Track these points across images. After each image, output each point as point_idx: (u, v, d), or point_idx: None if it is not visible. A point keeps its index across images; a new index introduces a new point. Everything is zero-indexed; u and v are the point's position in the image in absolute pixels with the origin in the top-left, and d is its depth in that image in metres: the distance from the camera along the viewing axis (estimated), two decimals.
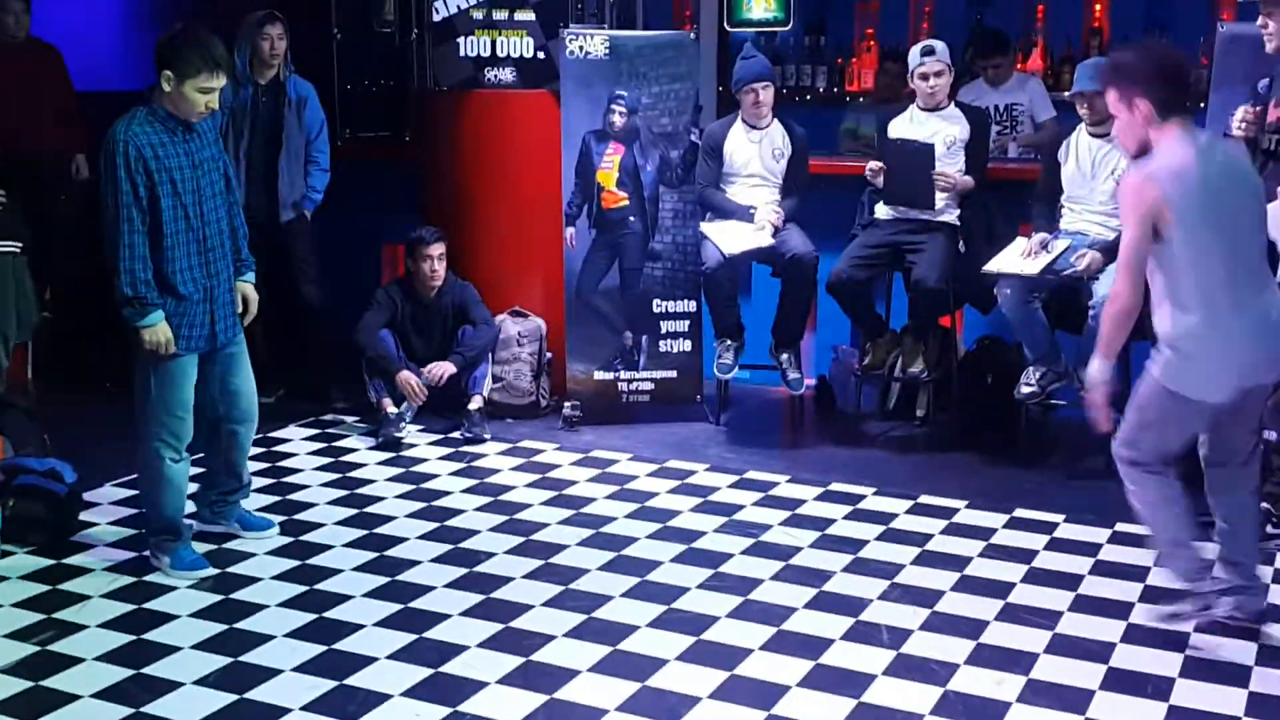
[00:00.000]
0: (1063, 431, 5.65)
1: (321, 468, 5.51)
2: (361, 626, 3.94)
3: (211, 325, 4.31)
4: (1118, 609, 4.04)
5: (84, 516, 4.79)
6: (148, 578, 4.31)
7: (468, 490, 5.20)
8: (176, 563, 4.35)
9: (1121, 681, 3.57)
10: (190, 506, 4.55)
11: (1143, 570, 4.33)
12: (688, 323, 6.12)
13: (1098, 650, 3.76)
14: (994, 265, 5.41)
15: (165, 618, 4.02)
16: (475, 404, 5.95)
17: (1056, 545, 4.57)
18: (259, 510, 4.88)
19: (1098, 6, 7.60)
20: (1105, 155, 5.34)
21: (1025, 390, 5.42)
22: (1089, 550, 4.52)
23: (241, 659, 3.73)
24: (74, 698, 3.51)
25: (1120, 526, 4.70)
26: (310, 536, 4.70)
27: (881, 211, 5.88)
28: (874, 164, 5.79)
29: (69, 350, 6.55)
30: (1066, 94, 5.84)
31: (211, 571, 4.35)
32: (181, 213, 4.16)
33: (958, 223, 5.75)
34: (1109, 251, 5.27)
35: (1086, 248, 5.29)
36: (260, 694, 3.53)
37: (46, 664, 3.70)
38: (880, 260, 5.83)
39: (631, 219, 6.07)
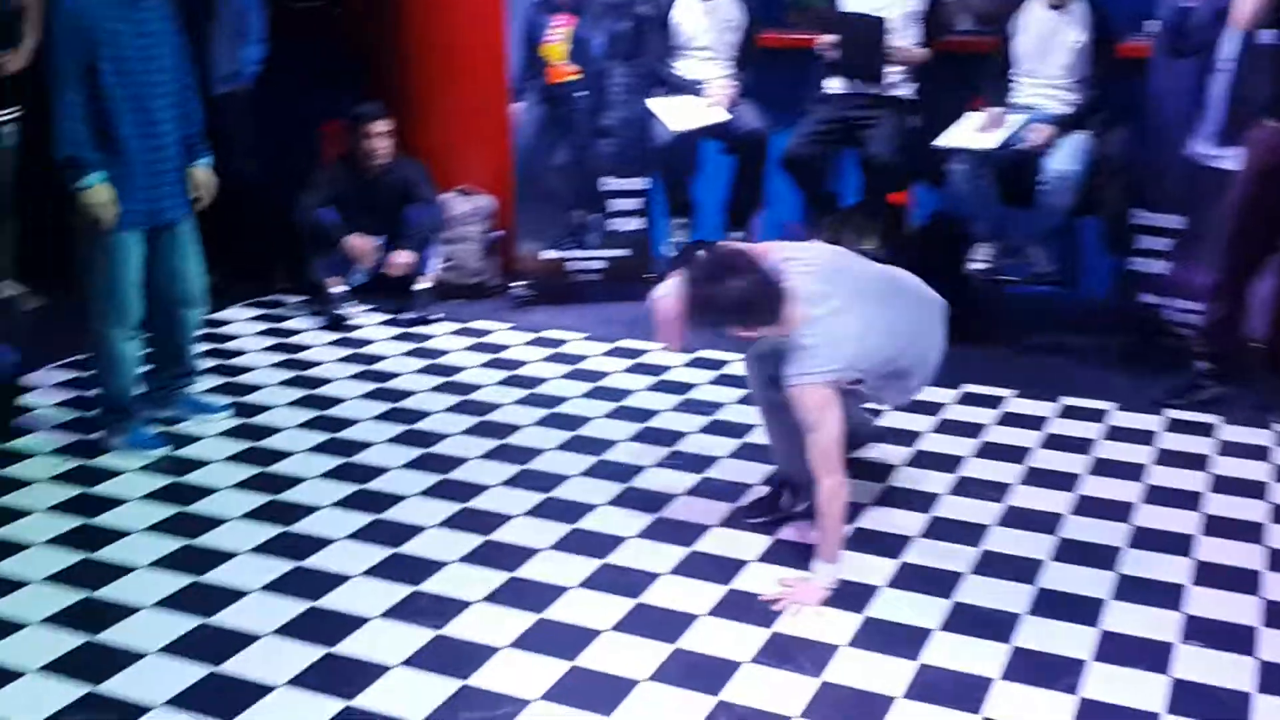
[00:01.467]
0: (1012, 307, 5.68)
1: (268, 349, 5.43)
2: (317, 508, 3.92)
3: (156, 202, 4.19)
4: (1066, 481, 4.11)
5: (27, 399, 4.70)
6: (95, 461, 4.25)
7: (420, 371, 5.15)
8: (131, 442, 4.30)
9: (1073, 552, 3.64)
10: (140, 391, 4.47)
11: (1088, 443, 4.40)
12: (639, 200, 6.04)
13: (1047, 522, 3.82)
14: (947, 139, 5.38)
15: (115, 502, 3.97)
16: (423, 284, 5.87)
17: (1007, 419, 4.63)
18: (208, 393, 4.81)
19: None
20: (1058, 28, 5.29)
21: (976, 266, 5.44)
22: (1038, 424, 4.58)
23: (195, 542, 3.70)
24: (24, 583, 3.47)
25: (1067, 400, 4.76)
26: (261, 419, 4.64)
27: (833, 86, 5.80)
28: (826, 37, 5.69)
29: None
30: None
31: (165, 451, 4.30)
32: (123, 80, 4.03)
33: (911, 97, 5.70)
34: (1062, 125, 5.27)
35: (1040, 121, 5.27)
36: (216, 576, 3.51)
37: None
38: (833, 136, 5.78)
39: (581, 93, 5.94)
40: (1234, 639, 3.18)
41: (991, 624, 3.26)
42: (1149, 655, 3.11)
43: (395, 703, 2.92)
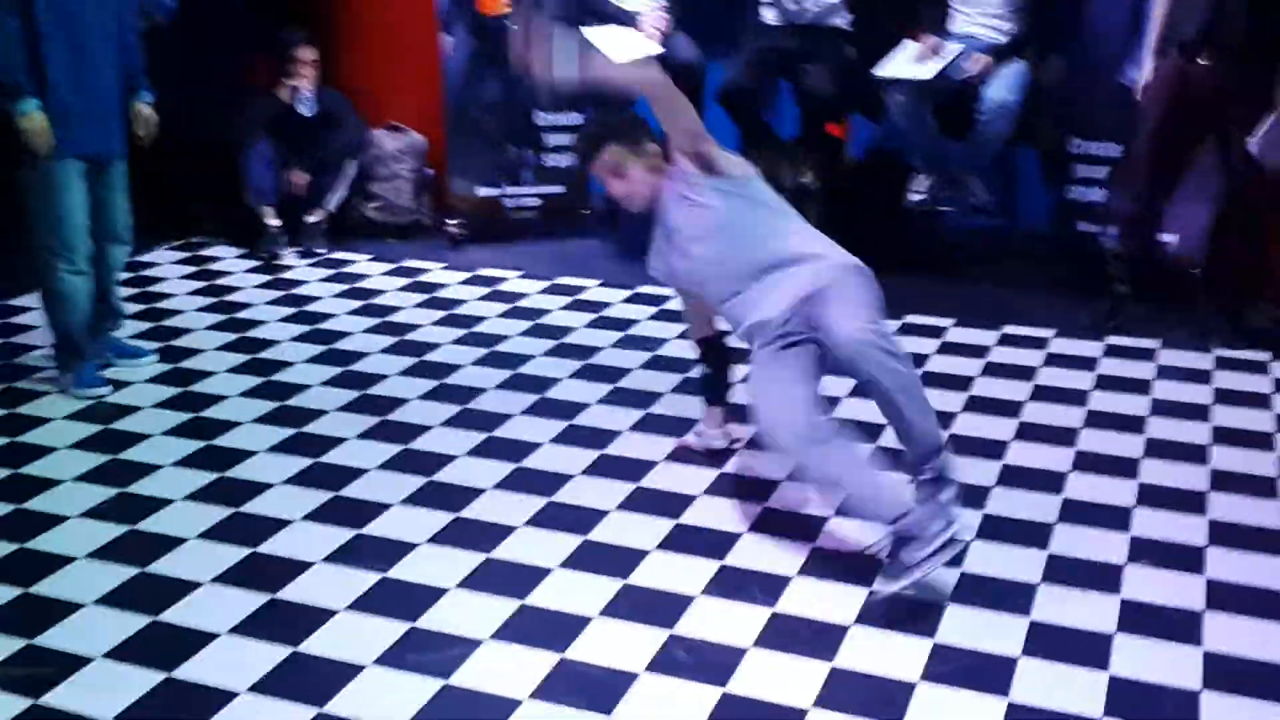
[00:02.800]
0: (951, 238, 5.68)
1: (197, 291, 5.29)
2: (254, 453, 3.82)
3: (94, 134, 4.07)
4: (1010, 408, 4.12)
5: None
6: (20, 409, 4.11)
7: (354, 312, 5.04)
8: (79, 381, 4.19)
9: (1016, 477, 3.65)
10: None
11: (1031, 370, 4.42)
12: (574, 136, 5.92)
13: (992, 448, 3.83)
14: (886, 70, 5.33)
15: (42, 450, 3.83)
16: (314, 217, 5.76)
17: (948, 349, 4.63)
18: (134, 338, 4.67)
19: None
20: None
21: (915, 198, 5.43)
22: (979, 352, 4.59)
23: (129, 490, 3.59)
24: None
25: (1008, 328, 4.78)
26: (190, 363, 4.52)
27: (770, 17, 5.71)
28: None
29: None
30: None
31: (109, 391, 4.18)
32: (54, 12, 3.89)
33: (848, 28, 5.63)
34: (1000, 54, 5.24)
35: (977, 51, 5.24)
36: (152, 524, 3.41)
37: None
38: (769, 67, 5.70)
39: (512, 25, 5.80)
40: (1182, 558, 3.22)
41: None
42: (1098, 577, 3.13)
43: (343, 647, 2.86)
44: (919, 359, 4.53)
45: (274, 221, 5.66)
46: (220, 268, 5.59)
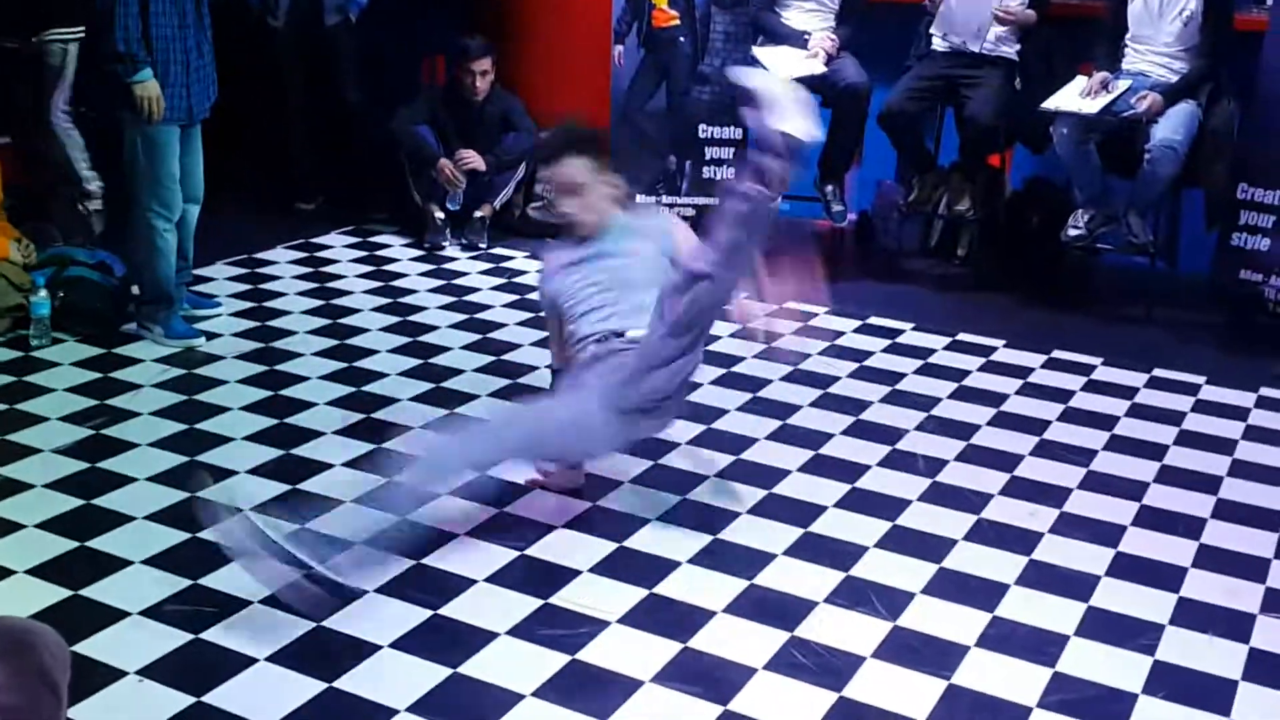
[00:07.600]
0: (1106, 276, 5.62)
1: (364, 275, 5.55)
2: (410, 428, 4.03)
3: (188, 99, 4.42)
4: (1152, 450, 4.08)
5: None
6: (199, 370, 4.39)
7: (508, 305, 5.23)
8: (169, 331, 4.55)
9: (1154, 519, 3.63)
10: None
11: (1179, 415, 4.36)
12: (732, 149, 6.04)
13: (1131, 489, 3.81)
14: (1051, 103, 5.31)
15: (218, 409, 4.10)
16: (482, 212, 6.00)
17: (1093, 387, 4.60)
18: (304, 313, 4.95)
19: None
20: None
21: (1072, 233, 5.39)
22: (1126, 393, 4.55)
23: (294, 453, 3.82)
24: (130, 479, 3.61)
25: (1158, 371, 4.72)
26: (356, 341, 4.76)
27: (937, 44, 5.75)
28: None
29: None
30: None
31: (202, 340, 4.53)
32: None
33: (1016, 58, 5.63)
34: (1171, 94, 5.18)
35: (1148, 89, 5.19)
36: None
37: (102, 448, 3.80)
38: (933, 94, 5.74)
39: (681, 39, 5.94)
40: None
41: (1070, 583, 3.27)
42: (1227, 622, 3.11)
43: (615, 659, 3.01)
44: (1064, 394, 4.51)
45: (440, 214, 5.91)
46: (389, 254, 5.85)
